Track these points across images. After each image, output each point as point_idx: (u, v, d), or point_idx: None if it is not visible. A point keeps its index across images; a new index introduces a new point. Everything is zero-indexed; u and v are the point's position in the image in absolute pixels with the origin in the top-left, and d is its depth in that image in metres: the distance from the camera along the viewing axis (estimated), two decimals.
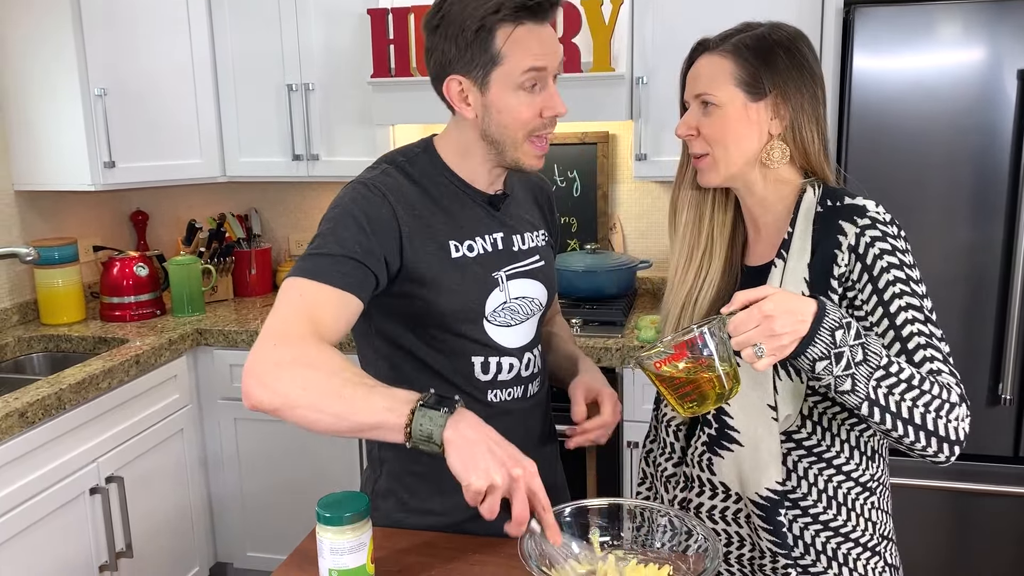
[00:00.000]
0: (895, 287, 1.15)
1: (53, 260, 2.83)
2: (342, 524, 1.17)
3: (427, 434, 1.06)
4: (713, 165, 1.25)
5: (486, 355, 1.37)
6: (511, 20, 1.24)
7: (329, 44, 2.83)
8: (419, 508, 1.40)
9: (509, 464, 1.04)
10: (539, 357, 1.46)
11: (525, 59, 1.24)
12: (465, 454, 1.04)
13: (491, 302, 1.37)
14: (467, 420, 1.08)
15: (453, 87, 1.29)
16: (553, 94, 1.29)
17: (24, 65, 2.75)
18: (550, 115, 1.29)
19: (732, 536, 1.29)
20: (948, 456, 1.12)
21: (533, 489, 1.05)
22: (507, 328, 1.39)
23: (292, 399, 1.11)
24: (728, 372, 1.08)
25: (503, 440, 1.08)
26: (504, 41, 1.24)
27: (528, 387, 1.44)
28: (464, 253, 1.35)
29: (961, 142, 2.20)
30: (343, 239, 1.25)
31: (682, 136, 1.28)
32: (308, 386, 1.11)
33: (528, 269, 1.42)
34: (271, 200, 3.35)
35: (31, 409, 2.11)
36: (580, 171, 3.02)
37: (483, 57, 1.25)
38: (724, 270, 1.34)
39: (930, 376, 1.11)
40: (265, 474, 2.86)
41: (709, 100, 1.23)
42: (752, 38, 1.22)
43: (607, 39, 2.47)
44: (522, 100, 1.27)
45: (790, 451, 1.23)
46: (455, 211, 1.36)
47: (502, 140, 1.31)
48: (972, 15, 2.14)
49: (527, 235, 1.44)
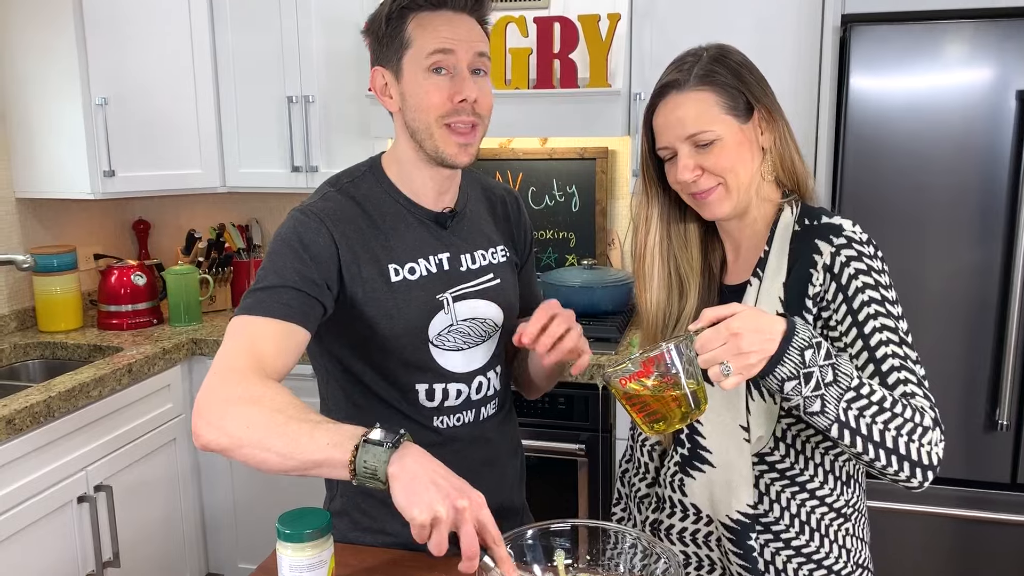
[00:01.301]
0: (870, 308, 1.13)
1: (52, 267, 2.84)
2: (302, 541, 1.15)
3: (372, 470, 1.02)
4: (726, 194, 1.21)
5: (431, 381, 1.35)
6: (418, 7, 1.26)
7: (329, 57, 2.84)
8: (372, 527, 1.39)
9: (453, 496, 0.99)
10: (495, 379, 1.43)
11: (431, 41, 1.25)
12: (408, 488, 1.00)
13: (435, 326, 1.34)
14: (412, 454, 1.04)
15: (378, 80, 1.32)
16: (464, 78, 1.27)
17: (27, 74, 2.77)
18: (458, 100, 1.26)
19: (703, 559, 1.27)
20: (921, 481, 1.09)
21: (482, 521, 1.01)
22: (457, 352, 1.36)
23: (238, 438, 1.10)
24: (694, 390, 1.06)
25: (449, 472, 1.04)
26: (412, 26, 1.27)
27: (480, 410, 1.41)
28: (405, 276, 1.32)
29: (959, 163, 2.17)
30: (282, 270, 1.24)
31: (689, 180, 1.21)
32: (252, 424, 1.09)
33: (478, 289, 1.39)
34: (271, 210, 3.35)
35: (19, 416, 2.11)
36: (579, 186, 3.00)
37: (395, 43, 1.28)
38: (701, 292, 1.32)
39: (903, 399, 1.09)
40: (257, 485, 2.84)
41: (707, 137, 1.19)
42: (718, 64, 1.20)
43: (604, 55, 2.46)
44: (432, 82, 1.26)
45: (763, 474, 1.20)
46: (398, 232, 1.34)
47: (418, 129, 1.29)
48: (971, 35, 2.12)
49: (479, 253, 1.41)
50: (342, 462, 1.03)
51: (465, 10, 1.28)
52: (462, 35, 1.27)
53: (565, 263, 3.05)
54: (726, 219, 1.26)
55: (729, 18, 2.45)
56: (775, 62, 2.39)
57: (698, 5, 2.47)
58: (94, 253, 3.16)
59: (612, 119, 2.55)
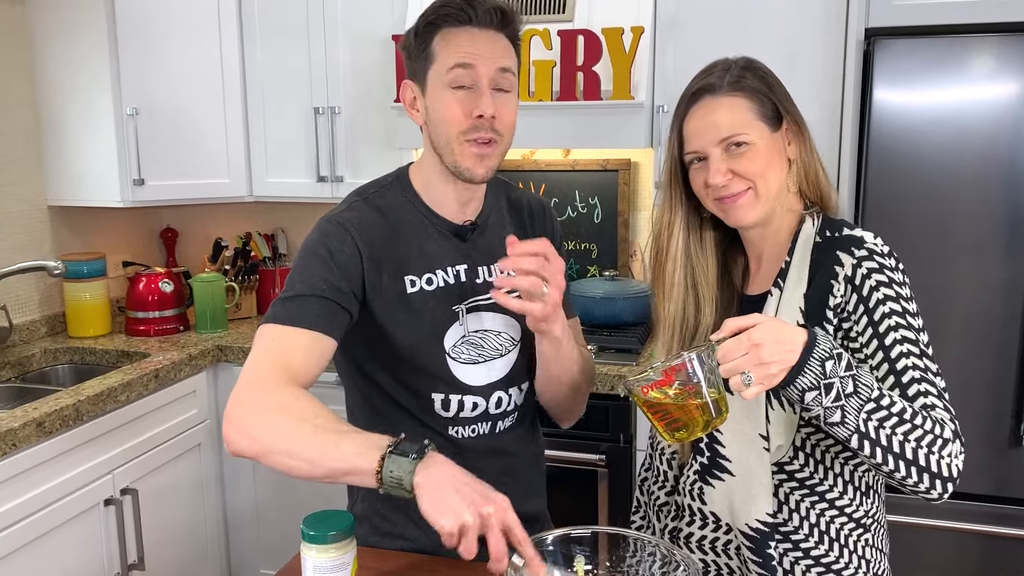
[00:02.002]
0: (891, 319, 1.14)
1: (82, 274, 2.89)
2: (326, 542, 1.17)
3: (397, 480, 1.06)
4: (755, 200, 1.22)
5: (446, 392, 1.37)
6: (445, 22, 1.29)
7: (355, 69, 2.88)
8: (392, 532, 1.41)
9: (479, 503, 1.03)
10: (520, 395, 1.44)
11: (452, 55, 1.28)
12: (434, 497, 1.04)
13: (450, 337, 1.36)
14: (437, 464, 1.07)
15: (407, 93, 1.35)
16: (483, 93, 1.28)
17: (60, 85, 2.83)
18: (477, 116, 1.28)
19: (722, 568, 1.28)
20: (941, 493, 1.09)
21: (508, 524, 1.04)
22: (474, 365, 1.38)
23: (268, 445, 1.14)
24: (716, 399, 1.07)
25: (473, 479, 1.07)
26: (437, 41, 1.29)
27: (498, 423, 1.42)
28: (422, 287, 1.35)
29: (983, 176, 2.16)
30: (309, 279, 1.27)
31: (720, 183, 1.22)
32: (281, 432, 1.13)
33: (493, 301, 1.38)
34: (297, 220, 3.40)
35: (49, 419, 2.15)
36: (601, 198, 3.02)
37: (421, 57, 1.31)
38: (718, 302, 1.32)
39: (923, 411, 1.09)
40: (280, 491, 2.87)
41: (741, 141, 1.21)
42: (749, 72, 1.22)
43: (627, 68, 2.48)
44: (453, 97, 1.28)
45: (782, 483, 1.21)
46: (419, 243, 1.36)
47: (439, 143, 1.31)
48: (995, 49, 2.12)
49: (497, 267, 1.41)
50: (369, 471, 1.07)
51: (492, 26, 1.29)
52: (484, 51, 1.28)
53: (587, 274, 3.07)
54: (752, 226, 1.27)
55: (753, 32, 2.46)
56: (799, 75, 2.40)
57: (722, 19, 2.49)
58: (122, 261, 3.21)
59: (635, 131, 2.56)
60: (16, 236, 2.83)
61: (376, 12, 2.82)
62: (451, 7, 1.28)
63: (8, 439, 2.03)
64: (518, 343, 1.43)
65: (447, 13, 1.28)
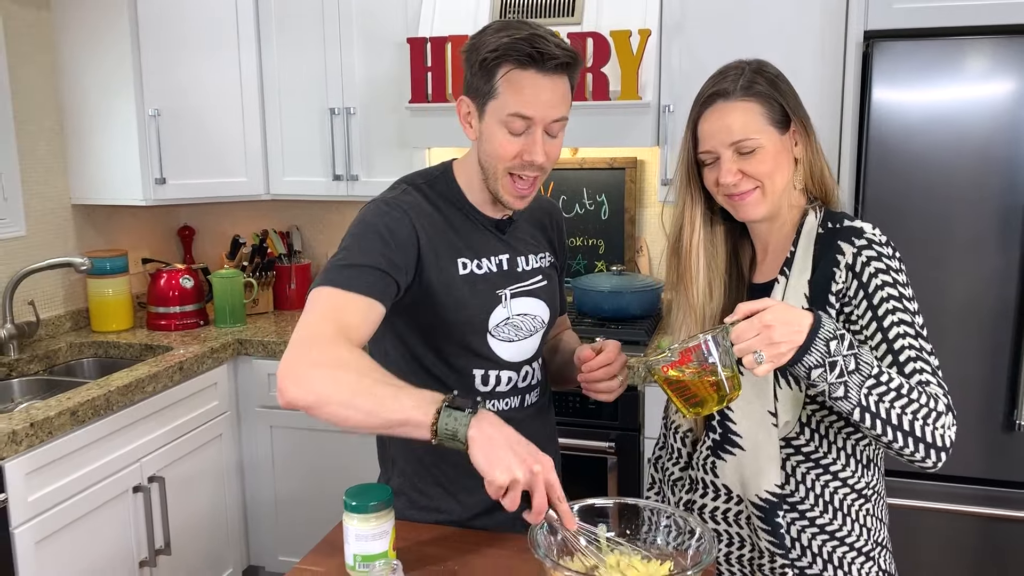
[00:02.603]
0: (888, 304, 1.23)
1: (105, 271, 2.98)
2: (367, 512, 1.27)
3: (452, 432, 1.14)
4: (762, 198, 1.31)
5: (487, 368, 1.48)
6: (513, 61, 1.32)
7: (370, 71, 2.97)
8: (428, 506, 1.50)
9: (529, 461, 1.13)
10: (538, 369, 1.56)
11: (512, 102, 1.33)
12: (488, 451, 1.13)
13: (494, 317, 1.47)
14: (489, 420, 1.17)
15: (463, 107, 1.41)
16: (535, 142, 1.35)
17: (84, 87, 2.93)
18: (527, 159, 1.36)
19: (733, 537, 1.37)
20: (935, 461, 1.18)
21: (550, 482, 1.14)
22: (509, 343, 1.49)
23: (324, 396, 1.20)
24: (729, 377, 1.16)
25: (522, 438, 1.17)
26: (501, 78, 1.33)
27: (525, 397, 1.54)
28: (472, 270, 1.45)
29: (979, 174, 2.25)
30: (367, 251, 1.35)
31: (731, 183, 1.31)
32: (340, 384, 1.20)
33: (531, 288, 1.51)
34: (312, 218, 3.49)
35: (81, 409, 2.24)
36: (608, 195, 3.11)
37: (484, 87, 1.36)
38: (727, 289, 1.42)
39: (919, 386, 1.18)
40: (298, 481, 2.97)
41: (751, 145, 1.29)
42: (760, 77, 1.30)
43: (635, 69, 2.57)
44: (506, 138, 1.35)
45: (789, 456, 1.30)
46: (465, 232, 1.47)
47: (487, 167, 1.41)
48: (990, 49, 2.21)
49: (531, 256, 1.54)
50: (424, 423, 1.15)
51: (555, 72, 1.34)
52: (545, 100, 1.33)
53: (594, 269, 3.16)
54: (759, 221, 1.36)
55: (755, 34, 2.55)
56: (800, 76, 2.46)
57: (726, 22, 2.58)
58: (142, 258, 3.30)
59: (642, 130, 2.65)
60: (42, 234, 2.92)
61: (390, 16, 2.91)
62: (522, 50, 1.31)
63: (45, 427, 2.12)
64: (545, 325, 1.55)
65: (517, 54, 1.31)
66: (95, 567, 2.33)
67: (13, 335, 2.71)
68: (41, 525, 2.14)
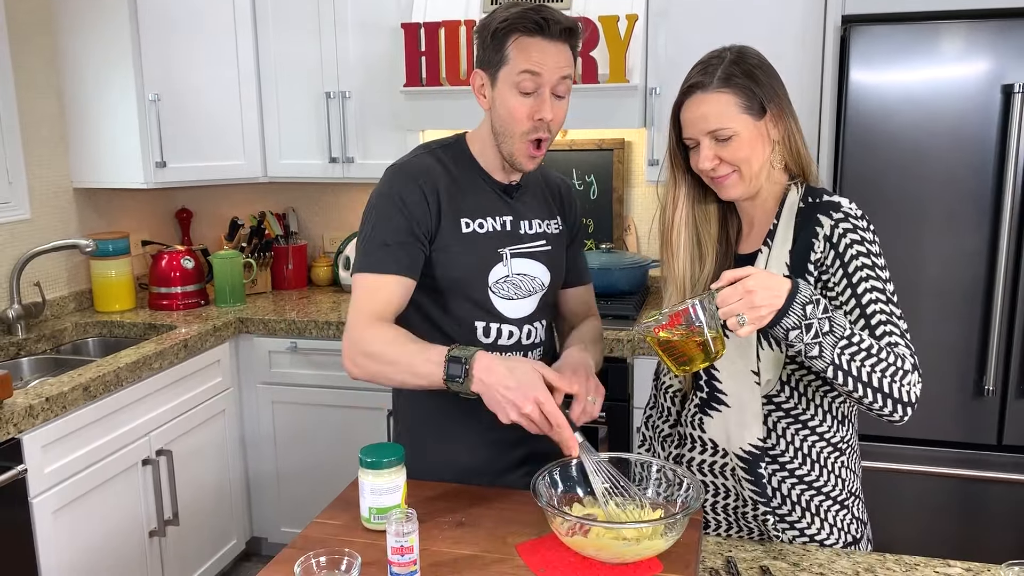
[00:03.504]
0: (862, 272, 1.34)
1: (108, 252, 3.06)
2: (381, 468, 1.36)
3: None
4: (739, 180, 1.41)
5: (487, 320, 1.60)
6: (521, 30, 1.46)
7: (365, 55, 3.05)
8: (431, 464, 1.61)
9: (520, 403, 1.32)
10: (542, 330, 1.67)
11: (522, 62, 1.46)
12: (490, 400, 1.36)
13: (494, 274, 1.58)
14: (481, 365, 1.36)
15: (476, 80, 1.54)
16: (544, 100, 1.48)
17: (85, 73, 2.99)
18: (537, 118, 1.49)
19: (719, 487, 1.48)
20: (902, 416, 1.29)
21: (546, 412, 1.32)
22: (509, 301, 1.60)
23: (374, 375, 1.49)
24: (715, 338, 1.27)
25: (513, 372, 1.35)
26: (511, 45, 1.47)
27: (529, 354, 1.64)
28: (475, 229, 1.57)
29: (951, 153, 2.36)
30: (389, 228, 1.52)
31: (708, 168, 1.41)
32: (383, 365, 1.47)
33: (531, 251, 1.62)
34: (308, 199, 3.57)
35: (93, 384, 2.33)
36: (597, 175, 3.21)
37: (496, 57, 1.49)
38: (719, 259, 1.52)
39: (888, 347, 1.29)
40: (299, 455, 3.07)
41: (725, 133, 1.38)
42: (736, 67, 1.39)
43: (622, 53, 2.66)
44: (518, 100, 1.49)
45: (770, 412, 1.41)
46: (473, 193, 1.59)
47: (502, 133, 1.53)
48: (960, 33, 2.31)
49: (536, 221, 1.64)
50: (438, 376, 1.39)
51: (559, 39, 1.47)
52: (551, 61, 1.47)
53: (584, 247, 3.25)
54: (740, 200, 1.46)
55: (737, 19, 2.65)
56: (781, 60, 2.54)
57: (709, 7, 2.68)
58: (142, 240, 3.38)
59: (630, 112, 2.75)
60: (45, 217, 2.99)
61: (384, 2, 2.98)
62: (530, 18, 1.45)
63: (59, 402, 2.21)
64: (546, 288, 1.66)
65: (525, 22, 1.45)
66: (108, 536, 2.43)
67: (20, 315, 2.78)
68: (57, 496, 2.23)
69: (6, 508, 2.09)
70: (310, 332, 2.93)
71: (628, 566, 1.24)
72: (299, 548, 1.30)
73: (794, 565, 1.36)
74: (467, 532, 1.38)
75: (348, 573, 1.21)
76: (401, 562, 1.22)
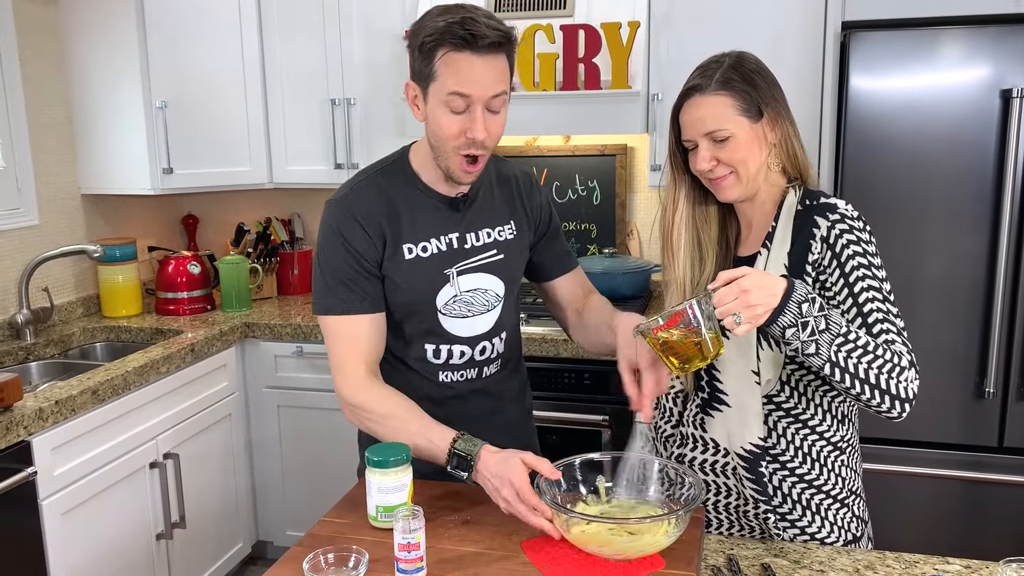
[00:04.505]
0: (859, 271, 1.36)
1: (115, 258, 3.09)
2: (388, 467, 1.39)
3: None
4: (736, 181, 1.43)
5: (437, 343, 1.61)
6: (448, 44, 1.39)
7: (370, 62, 3.08)
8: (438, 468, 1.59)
9: (496, 498, 1.36)
10: (500, 344, 1.67)
11: (450, 82, 1.40)
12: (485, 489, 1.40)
13: (442, 296, 1.58)
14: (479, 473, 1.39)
15: (409, 92, 1.50)
16: (476, 119, 1.42)
17: (92, 80, 3.03)
18: (469, 136, 1.43)
19: (720, 487, 1.50)
20: (900, 412, 1.31)
21: (522, 497, 1.32)
22: (463, 319, 1.61)
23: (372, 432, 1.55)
24: (712, 338, 1.29)
25: (494, 475, 1.36)
26: (439, 61, 1.40)
27: (483, 369, 1.66)
28: (418, 254, 1.56)
29: (951, 157, 2.38)
30: (339, 267, 1.53)
31: (706, 169, 1.43)
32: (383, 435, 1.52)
33: (480, 264, 1.60)
34: (313, 205, 3.60)
35: (102, 388, 2.35)
36: (599, 181, 3.24)
37: (425, 70, 1.43)
38: (718, 260, 1.55)
39: (885, 344, 1.31)
40: (304, 458, 3.09)
41: (722, 135, 1.41)
42: (735, 72, 1.42)
43: (625, 59, 2.69)
44: (448, 118, 1.43)
45: (771, 412, 1.43)
46: (415, 215, 1.56)
47: (435, 146, 1.49)
48: (959, 39, 2.34)
49: (485, 231, 1.62)
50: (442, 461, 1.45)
51: (490, 51, 1.40)
52: (481, 78, 1.40)
53: (587, 252, 3.29)
54: (738, 201, 1.48)
55: (739, 25, 2.68)
56: (782, 65, 2.57)
57: (711, 14, 2.71)
58: (148, 245, 3.41)
59: (632, 118, 2.78)
60: (54, 223, 3.02)
61: (388, 9, 3.02)
62: (456, 33, 1.37)
63: (68, 405, 2.24)
64: (502, 299, 1.65)
65: (451, 36, 1.38)
66: (116, 539, 2.45)
67: (29, 320, 2.81)
68: (66, 498, 2.25)
69: (16, 510, 2.11)
70: (315, 336, 2.95)
71: (631, 563, 1.26)
72: (307, 546, 1.32)
73: (795, 563, 1.37)
74: (472, 530, 1.40)
75: (356, 570, 1.23)
76: (408, 559, 1.24)
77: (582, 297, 1.77)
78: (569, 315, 1.76)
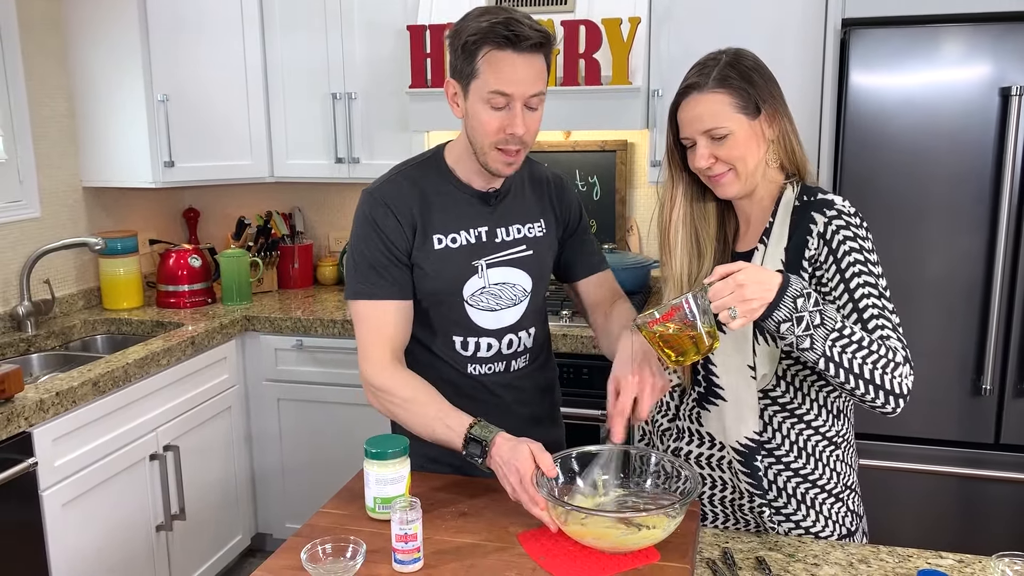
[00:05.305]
0: (855, 267, 1.36)
1: (116, 251, 3.10)
2: (386, 459, 1.40)
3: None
4: (735, 178, 1.44)
5: (464, 335, 1.63)
6: (491, 43, 1.44)
7: (371, 57, 3.08)
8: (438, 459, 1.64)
9: (504, 484, 1.39)
10: (527, 338, 1.69)
11: (492, 80, 1.45)
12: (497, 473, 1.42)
13: (469, 287, 1.61)
14: (492, 459, 1.41)
15: (449, 89, 1.54)
16: (516, 115, 1.47)
17: (94, 74, 3.04)
18: (509, 132, 1.48)
19: (716, 480, 1.51)
20: (894, 407, 1.32)
21: (524, 485, 1.35)
22: (490, 312, 1.63)
23: (393, 417, 1.60)
24: (708, 331, 1.30)
25: (504, 462, 1.39)
26: (482, 59, 1.45)
27: (511, 363, 1.68)
28: (447, 244, 1.60)
29: (950, 155, 2.39)
30: (372, 254, 1.56)
31: (704, 167, 1.44)
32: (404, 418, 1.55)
33: (510, 258, 1.64)
34: (314, 199, 3.61)
35: (102, 379, 2.37)
36: (600, 176, 3.24)
37: (467, 68, 1.48)
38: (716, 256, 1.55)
39: (879, 340, 1.32)
40: (304, 451, 3.10)
41: (721, 132, 1.41)
42: (732, 69, 1.42)
43: (625, 55, 2.70)
44: (489, 114, 1.48)
45: (767, 407, 1.44)
46: (446, 207, 1.60)
47: (475, 142, 1.53)
48: (959, 37, 2.34)
49: (515, 227, 1.65)
50: (458, 447, 1.46)
51: (531, 51, 1.45)
52: (522, 77, 1.45)
53: (589, 235, 3.28)
54: (736, 198, 1.49)
55: (739, 22, 2.68)
56: (782, 63, 2.59)
57: (711, 11, 2.71)
58: (149, 239, 3.42)
59: (632, 114, 2.78)
60: (55, 216, 3.03)
61: (390, 4, 3.02)
62: (499, 33, 1.43)
63: (69, 396, 2.25)
64: (529, 294, 1.67)
65: (495, 36, 1.43)
66: (116, 530, 2.46)
67: (31, 312, 2.82)
68: (67, 489, 2.26)
69: (17, 501, 2.12)
70: (316, 330, 2.96)
71: (626, 555, 1.27)
72: (305, 536, 1.34)
73: (789, 556, 1.38)
74: (469, 521, 1.41)
75: (353, 560, 1.24)
76: (405, 549, 1.25)
77: (609, 301, 1.79)
78: (597, 318, 1.78)
